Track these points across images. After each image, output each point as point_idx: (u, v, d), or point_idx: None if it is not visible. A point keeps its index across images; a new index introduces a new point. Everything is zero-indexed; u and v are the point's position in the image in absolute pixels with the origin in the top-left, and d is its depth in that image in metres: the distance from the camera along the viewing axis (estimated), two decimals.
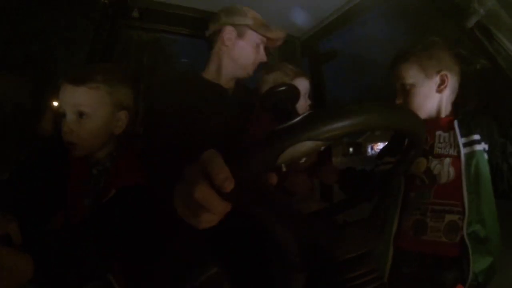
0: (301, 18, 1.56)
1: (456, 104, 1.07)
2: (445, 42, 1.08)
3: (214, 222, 0.42)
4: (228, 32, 1.15)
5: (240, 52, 1.16)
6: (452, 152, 0.99)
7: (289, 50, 1.73)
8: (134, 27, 1.54)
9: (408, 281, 0.97)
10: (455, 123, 1.00)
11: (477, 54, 0.99)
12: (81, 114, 0.89)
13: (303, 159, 0.40)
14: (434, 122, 1.05)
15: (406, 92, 1.06)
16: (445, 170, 0.98)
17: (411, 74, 1.05)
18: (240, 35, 1.15)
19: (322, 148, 0.41)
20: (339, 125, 0.36)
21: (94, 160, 0.95)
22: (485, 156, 0.95)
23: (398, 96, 1.09)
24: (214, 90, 1.16)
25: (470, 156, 0.95)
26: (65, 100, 0.89)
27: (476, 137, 0.97)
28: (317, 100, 1.64)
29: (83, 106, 0.89)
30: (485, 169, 0.95)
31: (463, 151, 0.96)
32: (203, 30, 1.25)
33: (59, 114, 0.91)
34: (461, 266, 0.92)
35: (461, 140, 0.97)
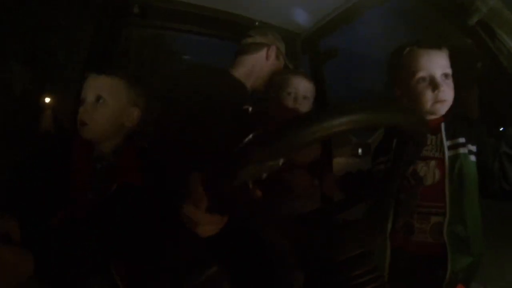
0: (302, 15, 1.56)
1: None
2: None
3: (214, 231, 0.48)
4: (273, 50, 1.32)
5: (271, 69, 1.33)
6: (437, 154, 0.99)
7: (290, 48, 1.72)
8: (135, 24, 1.54)
9: (402, 280, 0.97)
10: (442, 125, 1.00)
11: (478, 53, 0.98)
12: (98, 98, 0.97)
13: (265, 175, 0.41)
14: None
15: (442, 82, 0.95)
16: (430, 172, 0.98)
17: (448, 63, 0.97)
18: (277, 57, 1.34)
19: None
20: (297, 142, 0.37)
21: (98, 155, 0.96)
22: (471, 158, 0.96)
23: (424, 91, 0.96)
24: (243, 90, 1.25)
25: (454, 158, 0.96)
26: (88, 87, 0.99)
27: (461, 140, 0.97)
28: (317, 99, 1.63)
29: (102, 91, 0.97)
30: (470, 171, 0.95)
31: (447, 153, 0.96)
32: (204, 27, 1.25)
33: (81, 100, 0.99)
34: (446, 265, 0.92)
35: (446, 143, 0.97)
